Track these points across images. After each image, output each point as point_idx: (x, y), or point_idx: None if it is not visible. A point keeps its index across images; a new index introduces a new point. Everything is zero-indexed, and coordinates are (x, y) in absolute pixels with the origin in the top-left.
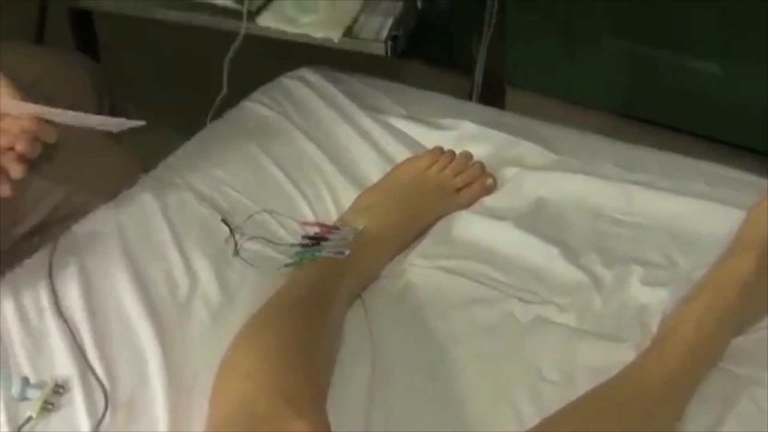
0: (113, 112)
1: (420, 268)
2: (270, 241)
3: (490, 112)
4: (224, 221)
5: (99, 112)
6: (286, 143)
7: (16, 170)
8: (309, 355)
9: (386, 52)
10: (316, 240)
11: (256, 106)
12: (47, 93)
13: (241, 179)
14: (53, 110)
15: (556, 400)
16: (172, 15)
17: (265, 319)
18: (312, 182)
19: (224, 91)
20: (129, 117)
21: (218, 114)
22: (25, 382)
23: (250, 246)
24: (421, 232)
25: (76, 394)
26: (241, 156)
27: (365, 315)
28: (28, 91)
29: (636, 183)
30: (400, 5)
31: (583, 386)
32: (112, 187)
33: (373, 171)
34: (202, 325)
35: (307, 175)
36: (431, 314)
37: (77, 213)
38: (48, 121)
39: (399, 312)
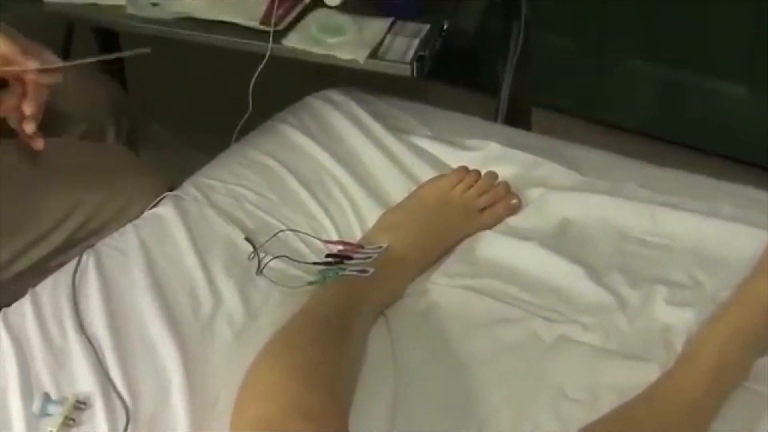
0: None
1: (444, 287)
2: (293, 260)
3: (516, 132)
4: (248, 239)
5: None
6: (310, 162)
7: (29, 128)
8: (331, 374)
9: (412, 74)
10: (339, 258)
11: (281, 126)
12: (62, 110)
13: (265, 197)
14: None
15: (579, 419)
16: (198, 36)
17: (287, 337)
18: (336, 201)
19: (249, 111)
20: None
21: (243, 134)
22: (46, 398)
23: (273, 264)
24: (445, 252)
25: (98, 411)
26: (266, 174)
27: (388, 333)
28: (44, 109)
29: (662, 204)
30: (426, 27)
31: (606, 405)
32: (137, 205)
33: (398, 190)
34: (225, 344)
35: (331, 194)
36: (455, 333)
37: (102, 231)
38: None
39: (422, 331)
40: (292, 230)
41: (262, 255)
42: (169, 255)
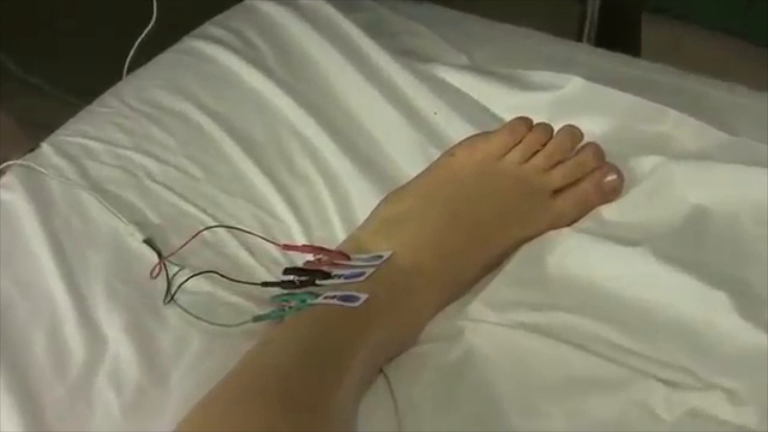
0: None
1: (489, 327)
2: (228, 278)
3: (614, 59)
4: (149, 243)
5: None
6: (256, 109)
7: None
8: None
9: None
10: (307, 276)
11: (205, 45)
12: None
13: (181, 171)
14: None
15: None
16: None
17: (216, 416)
18: (303, 177)
19: (153, 20)
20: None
21: (143, 58)
22: None
23: (194, 287)
24: (491, 265)
25: None
26: (182, 130)
27: (394, 408)
28: None
29: None
30: None
31: None
32: None
33: (410, 159)
34: (109, 423)
35: (292, 164)
36: (509, 406)
37: None
38: None
39: (451, 403)
40: (226, 227)
41: (174, 270)
42: (14, 269)
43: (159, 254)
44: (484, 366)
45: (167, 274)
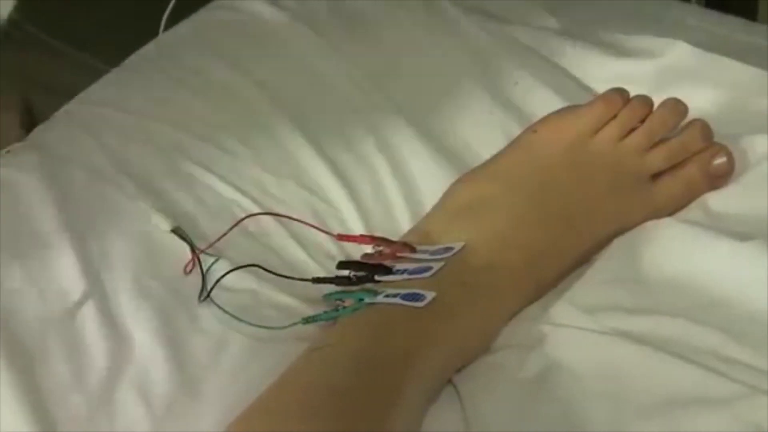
0: None
1: (575, 333)
2: (274, 273)
3: (727, 23)
4: (177, 232)
5: None
6: (308, 77)
7: None
8: None
9: None
10: (366, 271)
11: (250, 4)
12: None
13: (218, 147)
14: None
15: None
16: None
17: (263, 427)
18: (360, 156)
19: None
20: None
21: (182, 17)
22: None
23: (234, 283)
24: (581, 260)
25: None
26: (221, 98)
27: (464, 424)
28: None
29: None
30: None
31: None
32: None
33: (483, 136)
34: None
35: (350, 142)
36: (602, 425)
37: None
38: None
39: (529, 422)
40: (272, 214)
41: (209, 262)
42: (25, 263)
43: (191, 246)
44: (568, 379)
45: (202, 270)
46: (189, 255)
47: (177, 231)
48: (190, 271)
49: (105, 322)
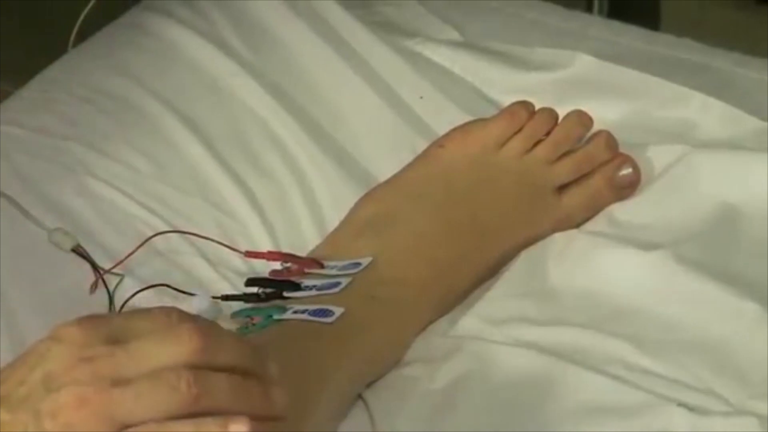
0: None
1: (485, 346)
2: (182, 291)
3: (629, 33)
4: (78, 251)
5: None
6: (213, 94)
7: None
8: None
9: None
10: (274, 287)
11: (154, 18)
12: None
13: (123, 163)
14: None
15: None
16: None
17: None
18: (266, 171)
19: None
20: None
21: (87, 35)
22: None
23: (142, 302)
24: (488, 273)
25: None
26: (126, 116)
27: None
28: None
29: None
30: None
31: None
32: None
33: (389, 151)
34: None
35: (256, 158)
36: None
37: None
38: None
39: (444, 430)
40: (179, 232)
41: (115, 282)
42: None
43: (93, 265)
44: (478, 391)
45: (108, 289)
46: (91, 272)
47: (77, 250)
48: (95, 290)
49: (12, 338)
